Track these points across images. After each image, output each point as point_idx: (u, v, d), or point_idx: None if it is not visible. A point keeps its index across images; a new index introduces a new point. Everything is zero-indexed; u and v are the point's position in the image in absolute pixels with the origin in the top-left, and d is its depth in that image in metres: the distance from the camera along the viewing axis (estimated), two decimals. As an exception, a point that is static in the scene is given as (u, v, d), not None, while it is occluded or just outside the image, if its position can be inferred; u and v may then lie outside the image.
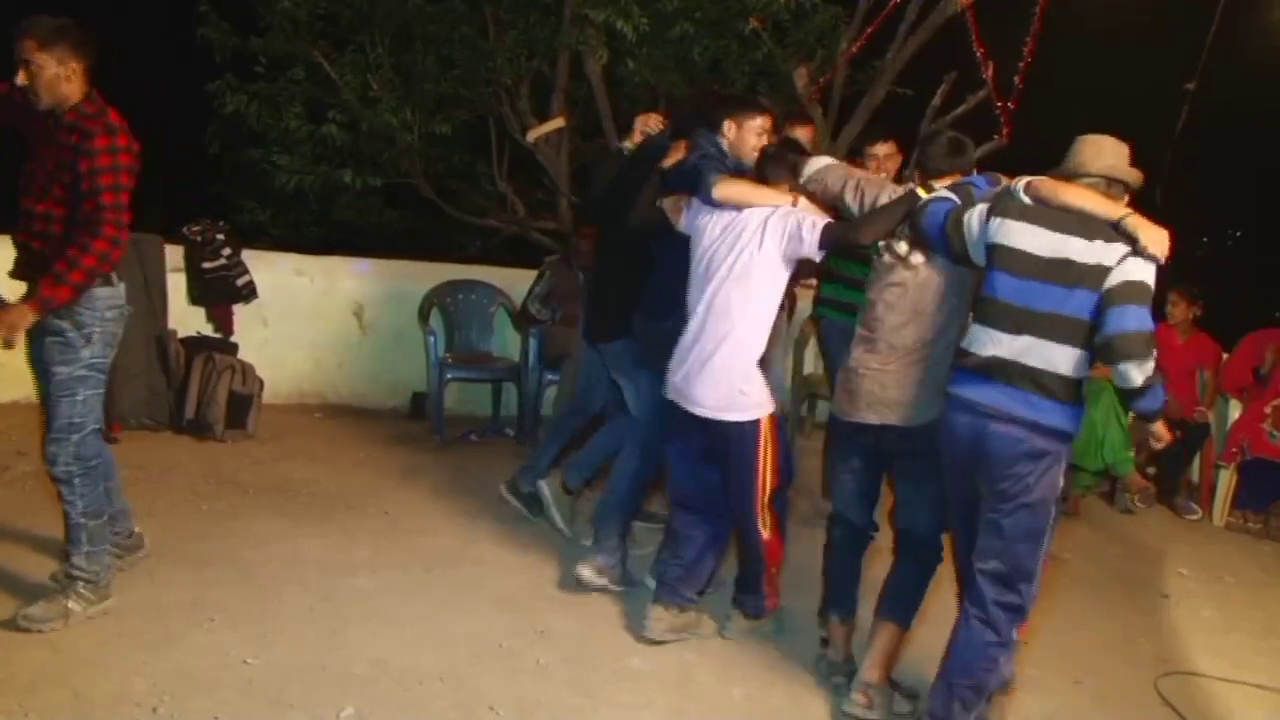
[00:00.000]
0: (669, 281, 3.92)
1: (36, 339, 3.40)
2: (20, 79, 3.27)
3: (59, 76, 3.28)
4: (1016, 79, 7.11)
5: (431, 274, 6.84)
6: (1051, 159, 3.20)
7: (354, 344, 6.90)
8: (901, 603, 3.46)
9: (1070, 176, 3.11)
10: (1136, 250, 2.92)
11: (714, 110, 3.98)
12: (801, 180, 3.58)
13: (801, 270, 3.89)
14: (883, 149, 4.67)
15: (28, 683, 3.09)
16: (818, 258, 3.52)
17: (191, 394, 5.89)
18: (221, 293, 6.40)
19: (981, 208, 3.17)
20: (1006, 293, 3.06)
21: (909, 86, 7.87)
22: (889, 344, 3.37)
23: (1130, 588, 4.88)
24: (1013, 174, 3.32)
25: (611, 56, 7.46)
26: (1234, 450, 6.22)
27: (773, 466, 3.62)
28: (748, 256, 3.52)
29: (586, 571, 4.14)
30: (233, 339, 6.37)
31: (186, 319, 6.26)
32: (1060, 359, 3.00)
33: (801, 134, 4.51)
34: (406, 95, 7.82)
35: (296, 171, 8.04)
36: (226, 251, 6.40)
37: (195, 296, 6.35)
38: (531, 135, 7.11)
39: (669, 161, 3.98)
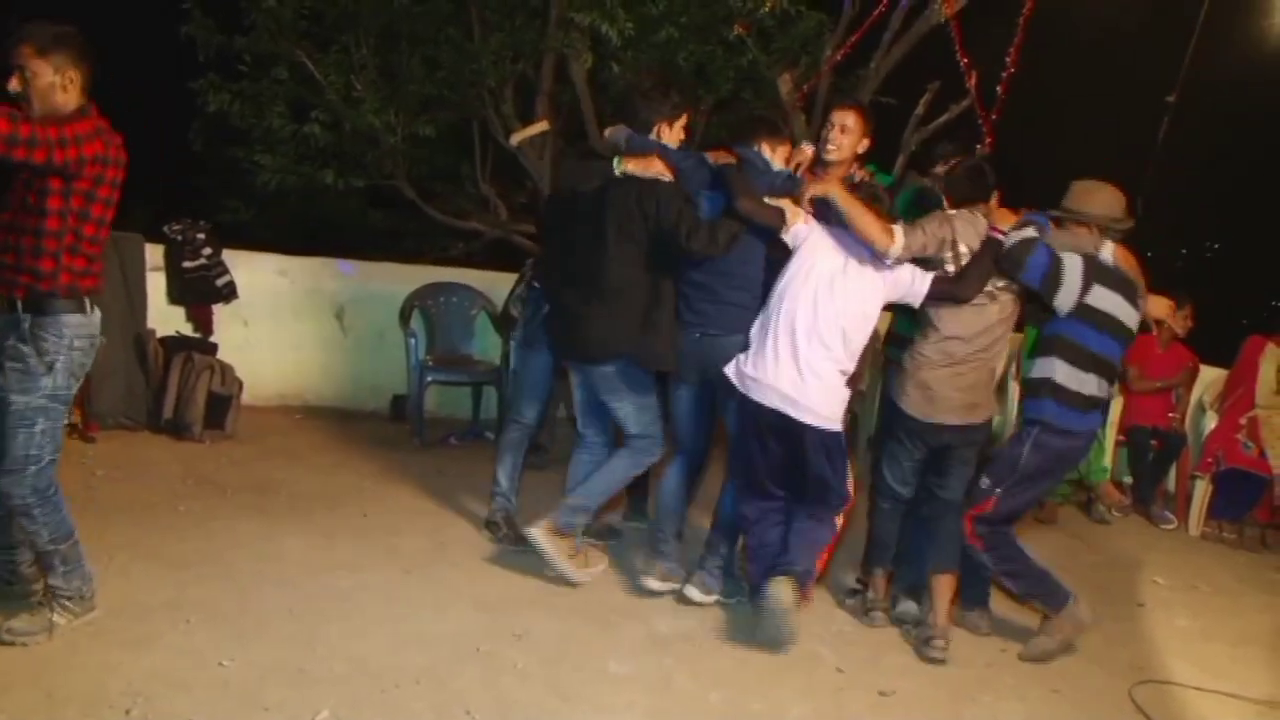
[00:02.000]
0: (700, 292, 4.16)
1: None
2: (13, 86, 3.11)
3: (54, 85, 3.12)
4: (999, 89, 7.15)
5: (413, 276, 6.83)
6: (1038, 164, 3.27)
7: (335, 345, 6.88)
8: (952, 554, 4.14)
9: (1103, 227, 3.97)
10: None
11: (746, 129, 4.31)
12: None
13: None
14: (849, 117, 4.39)
15: (1, 684, 3.06)
16: (917, 305, 4.02)
17: (170, 394, 5.87)
18: (201, 292, 6.39)
19: (1077, 266, 3.89)
20: (1111, 351, 3.97)
21: (893, 95, 7.88)
22: (965, 359, 3.99)
23: (1106, 596, 4.90)
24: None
25: (596, 60, 7.46)
26: (1209, 461, 6.26)
27: (854, 469, 4.15)
28: (874, 291, 3.96)
29: (654, 583, 4.29)
30: (212, 339, 6.35)
31: (166, 318, 6.24)
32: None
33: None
34: (390, 96, 7.80)
35: (279, 171, 8.01)
36: (207, 251, 6.39)
37: (175, 296, 6.34)
38: (515, 138, 7.09)
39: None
